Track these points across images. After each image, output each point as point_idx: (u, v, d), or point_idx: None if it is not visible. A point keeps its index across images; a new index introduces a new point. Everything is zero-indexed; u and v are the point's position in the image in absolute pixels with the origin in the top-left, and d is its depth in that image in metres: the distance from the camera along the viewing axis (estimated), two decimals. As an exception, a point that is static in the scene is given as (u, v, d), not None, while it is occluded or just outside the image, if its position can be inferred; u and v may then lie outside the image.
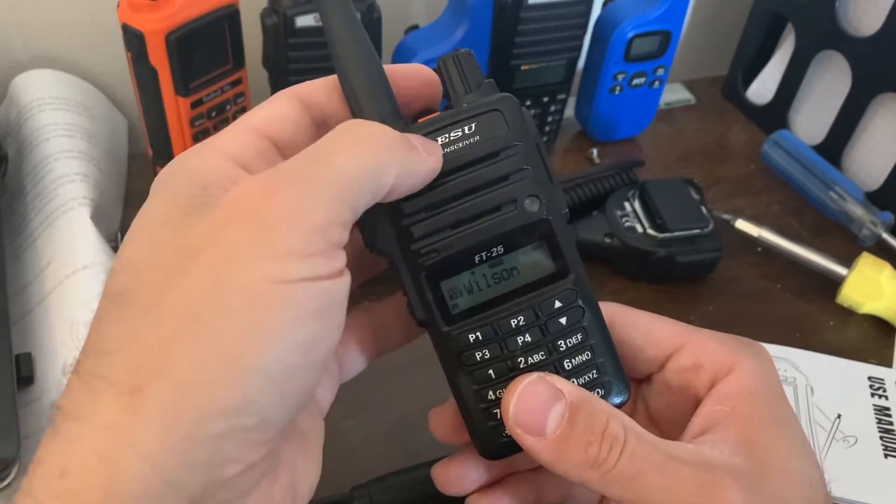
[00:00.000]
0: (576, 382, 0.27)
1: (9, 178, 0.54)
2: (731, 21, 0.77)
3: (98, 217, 0.49)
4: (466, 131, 0.26)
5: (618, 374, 0.29)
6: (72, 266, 0.46)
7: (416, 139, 0.26)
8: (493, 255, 0.27)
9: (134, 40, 0.48)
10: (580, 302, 0.28)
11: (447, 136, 0.26)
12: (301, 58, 0.53)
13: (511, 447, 0.28)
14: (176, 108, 0.52)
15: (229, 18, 0.51)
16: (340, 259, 0.23)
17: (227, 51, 0.53)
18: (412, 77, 0.28)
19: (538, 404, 0.26)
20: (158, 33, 0.48)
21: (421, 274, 0.27)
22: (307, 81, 0.27)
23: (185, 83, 0.51)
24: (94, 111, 0.59)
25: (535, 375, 0.26)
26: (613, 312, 0.30)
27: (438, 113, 0.27)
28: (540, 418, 0.25)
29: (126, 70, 0.52)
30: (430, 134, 0.26)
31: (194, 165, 0.24)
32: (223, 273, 0.21)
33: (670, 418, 0.30)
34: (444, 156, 0.26)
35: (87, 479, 0.20)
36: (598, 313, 0.28)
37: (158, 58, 0.49)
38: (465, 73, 0.28)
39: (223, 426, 0.21)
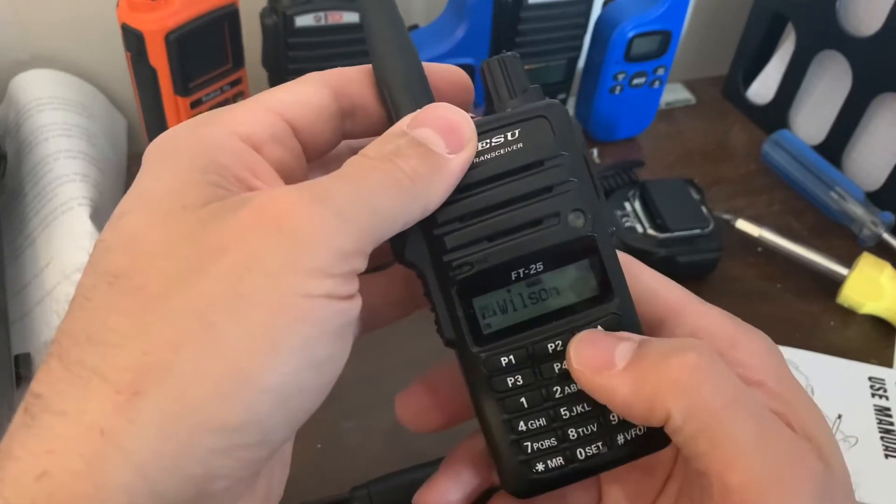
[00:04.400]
0: (614, 420, 0.25)
1: (8, 178, 0.54)
2: (731, 21, 0.77)
3: (97, 217, 0.49)
4: (509, 137, 0.25)
5: None
6: (71, 266, 0.45)
7: (439, 113, 0.24)
8: (532, 272, 0.25)
9: (133, 40, 0.48)
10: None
11: (488, 141, 0.25)
12: (300, 57, 0.53)
13: (542, 484, 0.26)
14: (175, 108, 0.52)
15: (229, 18, 0.51)
16: (355, 285, 0.22)
17: (227, 50, 0.53)
18: (447, 79, 0.27)
19: (602, 345, 0.24)
20: (158, 33, 0.48)
21: (452, 288, 0.25)
22: (340, 68, 0.26)
23: (185, 83, 0.51)
24: (93, 111, 0.59)
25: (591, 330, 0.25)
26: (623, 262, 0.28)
27: (479, 117, 0.26)
28: (607, 356, 0.24)
29: (125, 70, 0.52)
30: None
31: (204, 140, 0.23)
32: (245, 280, 0.20)
33: None
34: (484, 163, 0.25)
35: (69, 484, 0.18)
36: None
37: (158, 57, 0.49)
38: (510, 77, 0.26)
39: (223, 442, 0.20)
